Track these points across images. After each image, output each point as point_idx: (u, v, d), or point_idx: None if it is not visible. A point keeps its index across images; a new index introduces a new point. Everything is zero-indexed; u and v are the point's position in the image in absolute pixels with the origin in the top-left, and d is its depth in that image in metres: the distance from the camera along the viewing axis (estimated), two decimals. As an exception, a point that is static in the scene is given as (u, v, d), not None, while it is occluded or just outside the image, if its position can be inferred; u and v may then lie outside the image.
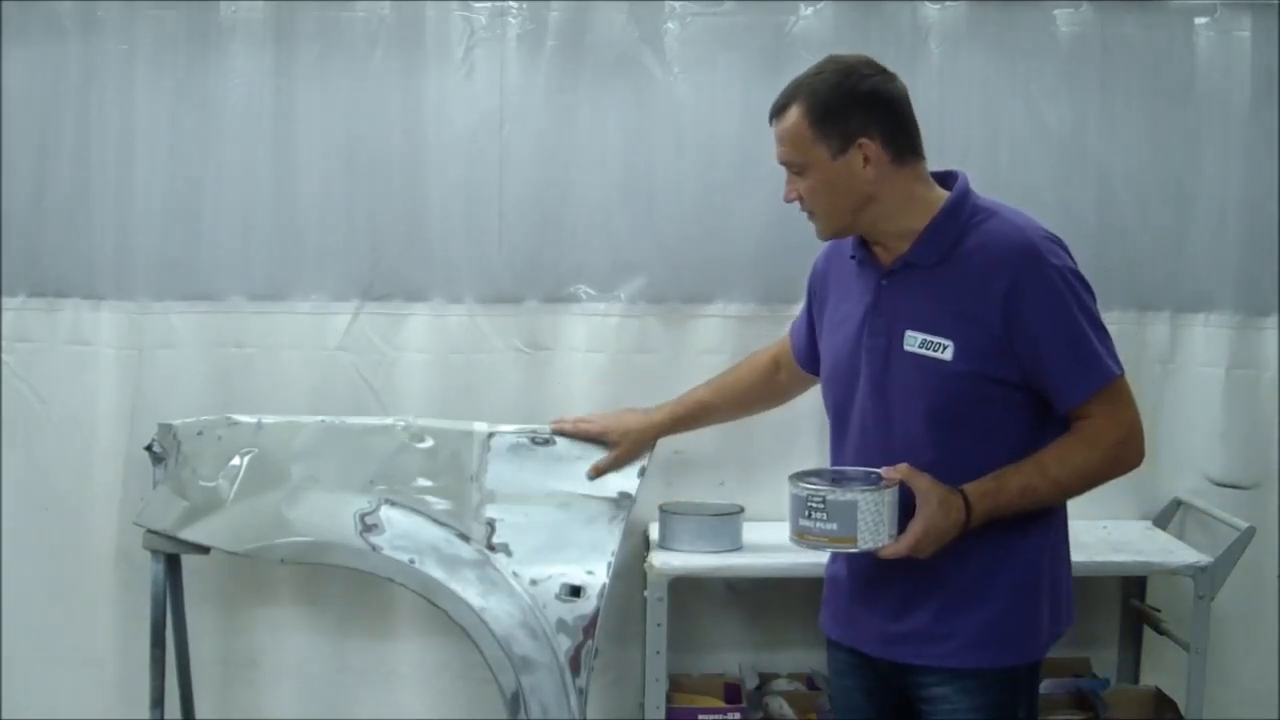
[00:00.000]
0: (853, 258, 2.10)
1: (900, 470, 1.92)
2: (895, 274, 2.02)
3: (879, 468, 1.96)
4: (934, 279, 1.98)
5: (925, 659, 2.02)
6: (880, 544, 1.91)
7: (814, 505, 1.91)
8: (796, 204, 2.10)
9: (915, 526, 1.90)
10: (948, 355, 1.95)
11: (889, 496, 1.90)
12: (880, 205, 2.00)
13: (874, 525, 1.89)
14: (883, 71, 2.01)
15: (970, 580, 1.99)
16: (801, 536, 1.94)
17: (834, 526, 1.90)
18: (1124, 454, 2.00)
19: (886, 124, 1.98)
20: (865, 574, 2.07)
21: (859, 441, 2.05)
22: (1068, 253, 2.00)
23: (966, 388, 1.95)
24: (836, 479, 1.95)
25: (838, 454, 2.11)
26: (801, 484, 1.94)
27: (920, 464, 1.94)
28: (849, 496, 1.89)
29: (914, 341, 1.97)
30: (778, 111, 2.02)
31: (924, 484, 1.91)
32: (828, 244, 2.20)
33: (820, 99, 1.97)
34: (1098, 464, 1.99)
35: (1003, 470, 1.96)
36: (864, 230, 2.04)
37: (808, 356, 2.37)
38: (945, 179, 2.06)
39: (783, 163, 2.04)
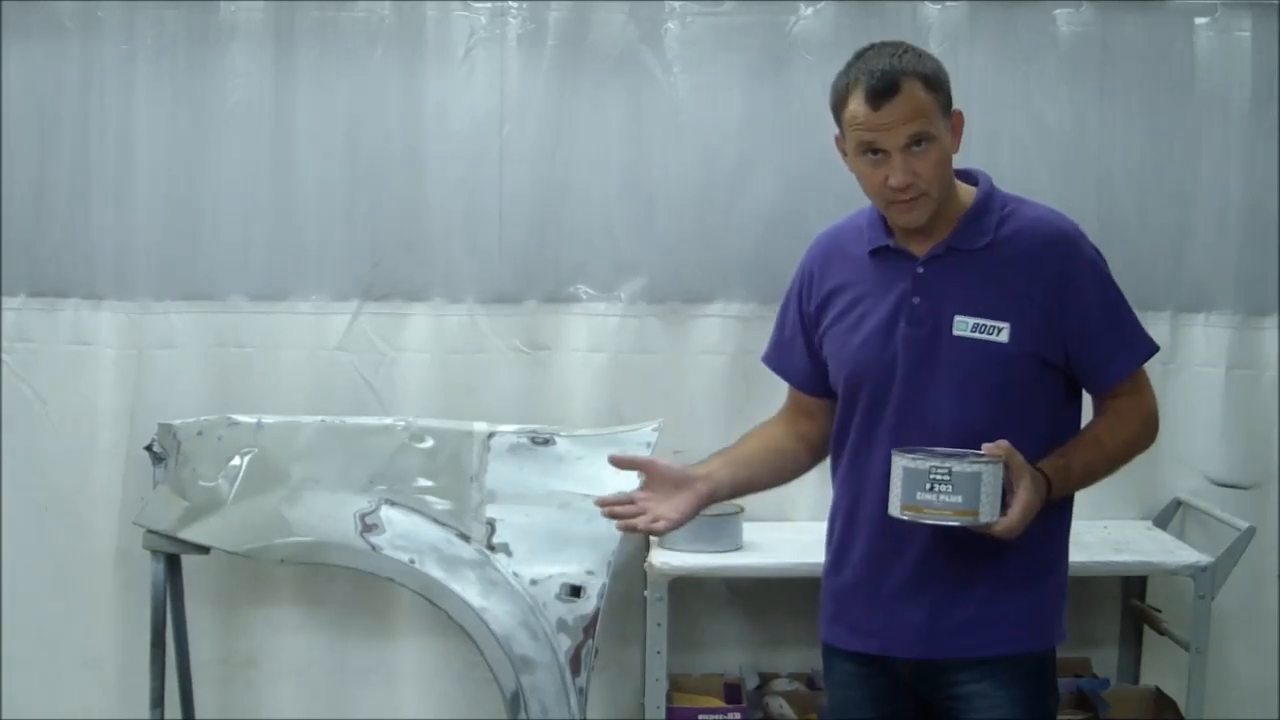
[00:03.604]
0: (872, 252, 2.06)
1: (1002, 446, 1.88)
2: (935, 260, 1.99)
3: (966, 449, 1.91)
4: (979, 263, 1.97)
5: (972, 651, 1.99)
6: (995, 518, 1.88)
7: (938, 478, 1.87)
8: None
9: (1021, 500, 1.88)
10: (1003, 337, 1.94)
11: (1001, 471, 1.88)
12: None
13: (992, 498, 1.87)
14: None
15: (1022, 566, 1.98)
16: (920, 510, 1.88)
17: (959, 499, 1.86)
18: (1153, 427, 2.04)
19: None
20: (901, 578, 2.02)
21: (897, 434, 1.99)
22: None
23: (1020, 369, 1.95)
24: (945, 455, 1.90)
25: (867, 451, 2.04)
26: (917, 459, 1.89)
27: (974, 447, 1.91)
28: (974, 469, 1.86)
29: (965, 326, 1.96)
30: (890, 92, 1.91)
31: (1019, 461, 1.89)
32: (813, 254, 2.14)
33: (931, 70, 1.93)
34: (1138, 435, 2.03)
35: (1066, 448, 1.97)
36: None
37: (821, 381, 2.17)
38: (962, 175, 2.06)
39: (912, 138, 1.92)
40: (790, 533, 2.91)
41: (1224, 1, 3.04)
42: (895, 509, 1.91)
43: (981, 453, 1.88)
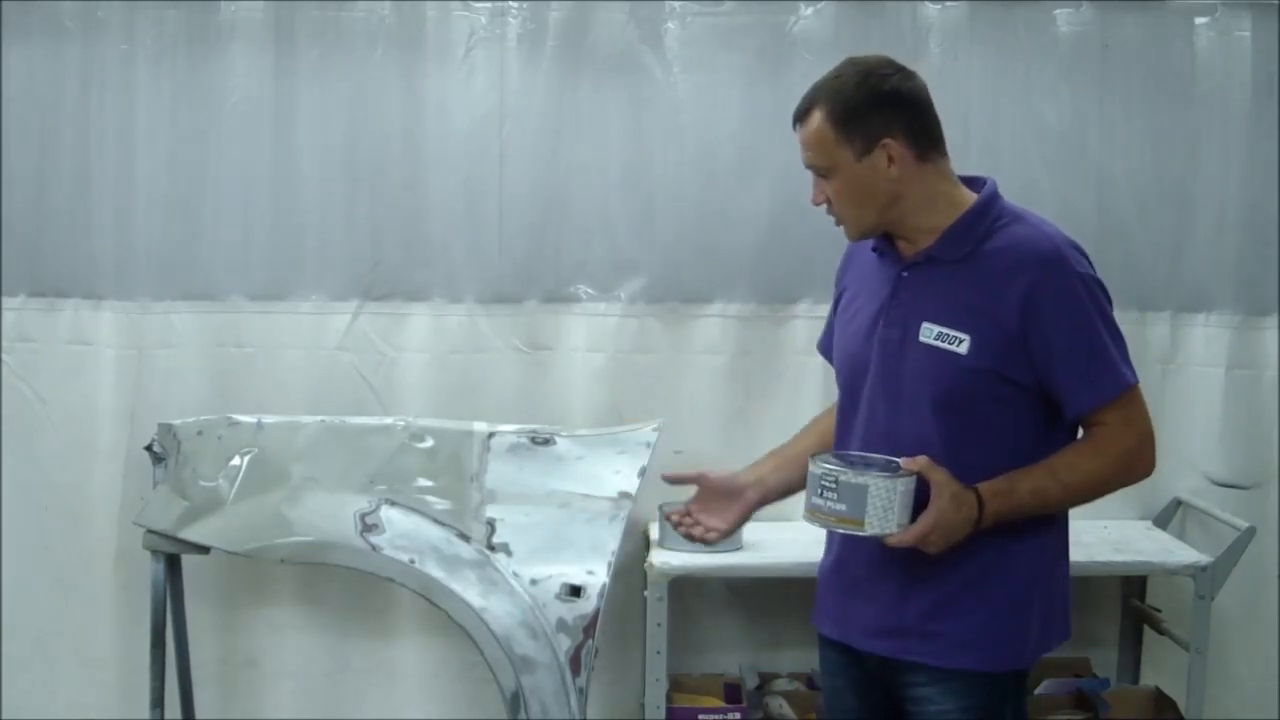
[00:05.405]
0: (874, 250, 2.10)
1: (919, 462, 1.91)
2: (916, 267, 2.02)
3: (898, 458, 1.96)
4: (955, 274, 1.98)
5: (914, 655, 2.02)
6: (888, 531, 1.91)
7: (827, 484, 1.92)
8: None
9: (926, 518, 1.90)
10: (963, 349, 1.95)
11: (902, 485, 1.90)
12: (906, 203, 2.00)
13: (883, 511, 1.89)
14: (901, 70, 2.01)
15: (966, 581, 1.99)
16: (813, 514, 1.95)
17: (843, 508, 1.91)
18: (1135, 463, 2.00)
19: (909, 122, 1.98)
20: (862, 567, 2.07)
21: (865, 432, 2.05)
22: (1090, 262, 2.01)
23: (978, 383, 1.95)
24: (856, 463, 1.96)
25: (843, 443, 2.10)
26: (819, 462, 1.95)
27: (933, 457, 1.93)
28: (861, 480, 1.90)
29: (930, 333, 1.98)
30: (800, 117, 2.02)
31: (940, 477, 1.91)
32: (848, 245, 2.20)
33: (841, 101, 1.97)
34: (1109, 472, 1.99)
35: (1014, 472, 1.96)
36: (891, 227, 2.04)
37: None
38: (973, 184, 2.06)
39: (808, 167, 2.04)
40: (790, 533, 2.90)
41: (1224, 1, 3.04)
42: (803, 511, 1.97)
43: (896, 463, 1.92)
